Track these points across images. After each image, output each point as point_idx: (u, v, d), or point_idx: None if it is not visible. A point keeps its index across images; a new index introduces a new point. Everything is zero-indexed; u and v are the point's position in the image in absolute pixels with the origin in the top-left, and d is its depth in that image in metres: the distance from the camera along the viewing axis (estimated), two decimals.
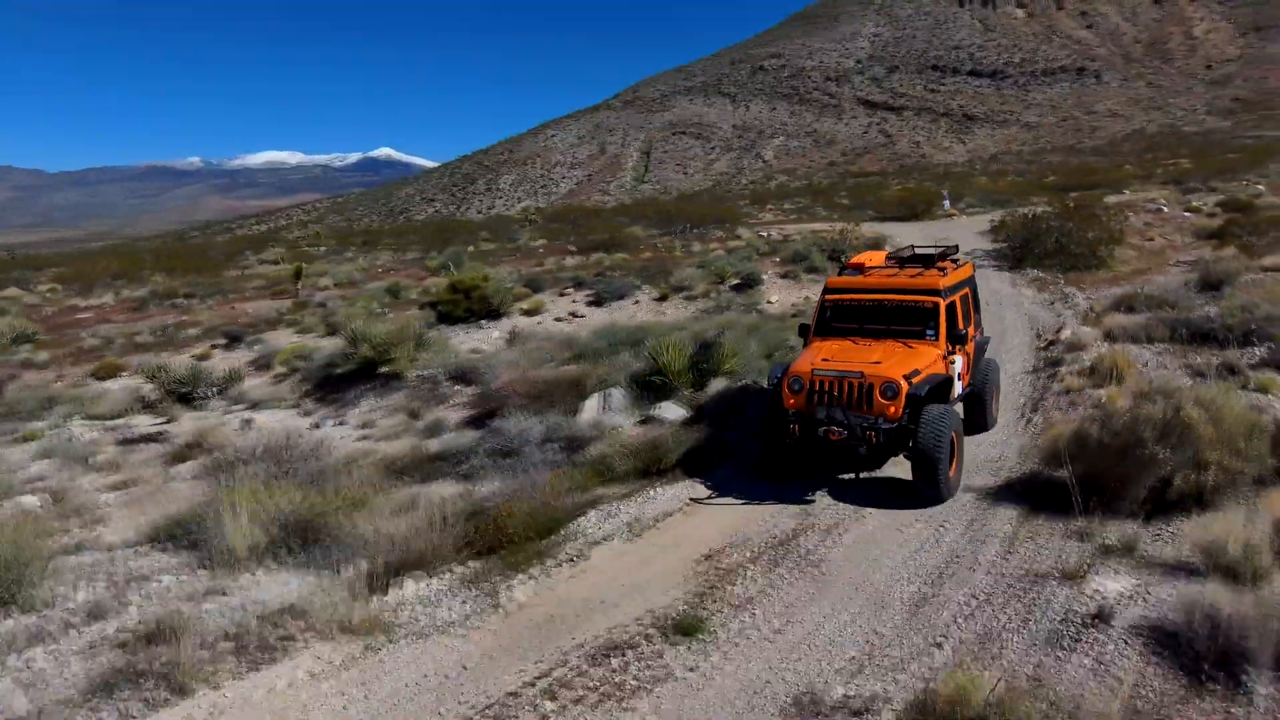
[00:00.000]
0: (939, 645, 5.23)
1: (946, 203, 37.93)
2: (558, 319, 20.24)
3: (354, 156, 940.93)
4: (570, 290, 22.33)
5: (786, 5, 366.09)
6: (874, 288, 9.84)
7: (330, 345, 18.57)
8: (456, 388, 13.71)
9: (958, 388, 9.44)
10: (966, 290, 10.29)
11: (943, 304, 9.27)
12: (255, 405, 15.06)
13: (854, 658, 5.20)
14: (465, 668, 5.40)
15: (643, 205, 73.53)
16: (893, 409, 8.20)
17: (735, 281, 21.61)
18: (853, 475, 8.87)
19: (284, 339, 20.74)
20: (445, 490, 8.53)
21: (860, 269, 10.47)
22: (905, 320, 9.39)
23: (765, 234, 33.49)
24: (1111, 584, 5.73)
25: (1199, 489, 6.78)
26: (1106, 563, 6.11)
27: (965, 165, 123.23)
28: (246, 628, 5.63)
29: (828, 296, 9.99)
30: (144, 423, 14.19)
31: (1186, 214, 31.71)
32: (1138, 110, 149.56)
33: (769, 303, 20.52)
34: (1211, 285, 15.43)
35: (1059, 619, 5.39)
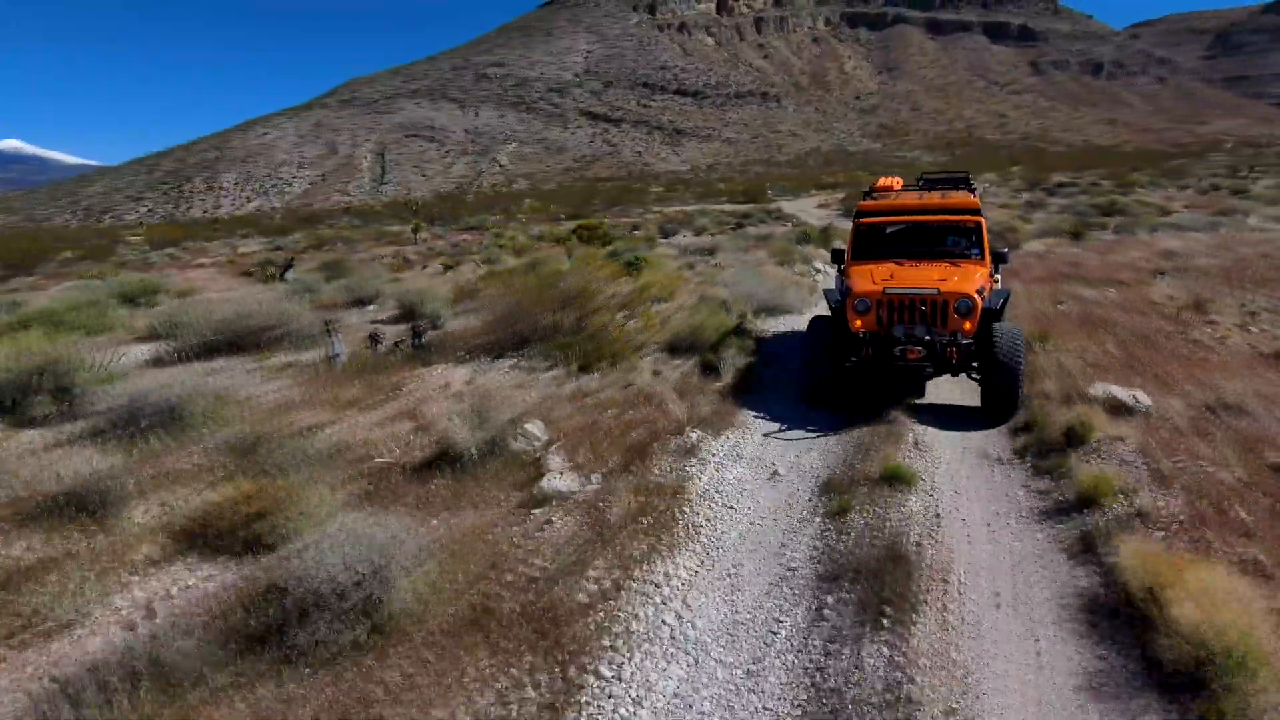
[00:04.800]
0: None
1: (770, 191, 58.74)
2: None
3: None
4: (635, 233, 38.18)
5: (496, 11, 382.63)
6: (914, 209, 10.35)
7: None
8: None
9: None
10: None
11: (984, 223, 9.98)
12: None
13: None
14: None
15: (564, 188, 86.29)
16: (968, 324, 8.64)
17: (731, 225, 39.06)
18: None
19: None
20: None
21: (889, 192, 11.30)
22: (948, 240, 10.01)
23: (673, 208, 51.08)
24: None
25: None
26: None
27: (690, 173, 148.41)
28: None
29: (863, 220, 10.44)
30: None
31: None
32: (811, 132, 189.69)
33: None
34: None
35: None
